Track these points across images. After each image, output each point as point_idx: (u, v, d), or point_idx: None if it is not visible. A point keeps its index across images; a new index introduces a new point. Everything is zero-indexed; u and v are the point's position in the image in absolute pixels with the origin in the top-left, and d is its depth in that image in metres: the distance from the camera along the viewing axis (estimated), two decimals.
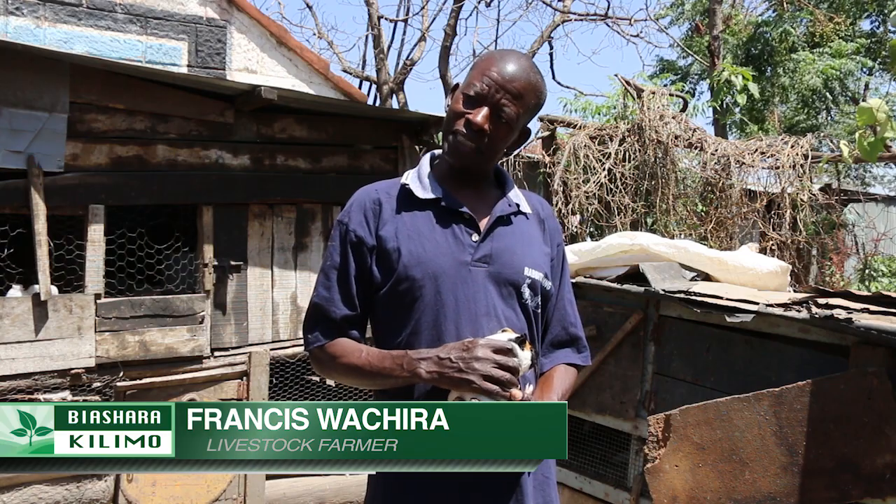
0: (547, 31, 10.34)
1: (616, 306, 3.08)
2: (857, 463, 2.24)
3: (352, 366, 1.55)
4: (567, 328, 1.74)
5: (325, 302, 1.61)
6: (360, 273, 1.60)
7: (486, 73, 1.58)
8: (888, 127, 3.01)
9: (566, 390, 1.65)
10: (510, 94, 1.57)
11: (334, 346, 1.59)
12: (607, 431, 3.10)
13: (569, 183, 5.28)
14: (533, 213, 1.71)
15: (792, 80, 11.18)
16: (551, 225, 1.74)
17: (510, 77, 1.57)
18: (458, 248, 1.57)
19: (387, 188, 1.66)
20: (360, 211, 1.63)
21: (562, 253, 1.75)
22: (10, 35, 4.82)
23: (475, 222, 1.60)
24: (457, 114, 1.60)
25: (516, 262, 1.60)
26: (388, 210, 1.62)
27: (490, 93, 1.57)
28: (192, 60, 5.52)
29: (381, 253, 1.58)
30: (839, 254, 6.36)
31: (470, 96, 1.58)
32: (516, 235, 1.64)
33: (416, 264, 1.55)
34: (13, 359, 3.60)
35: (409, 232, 1.58)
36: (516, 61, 1.60)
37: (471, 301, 1.55)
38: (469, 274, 1.56)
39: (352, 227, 1.62)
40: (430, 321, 1.54)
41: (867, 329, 2.24)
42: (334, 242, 1.64)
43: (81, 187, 3.81)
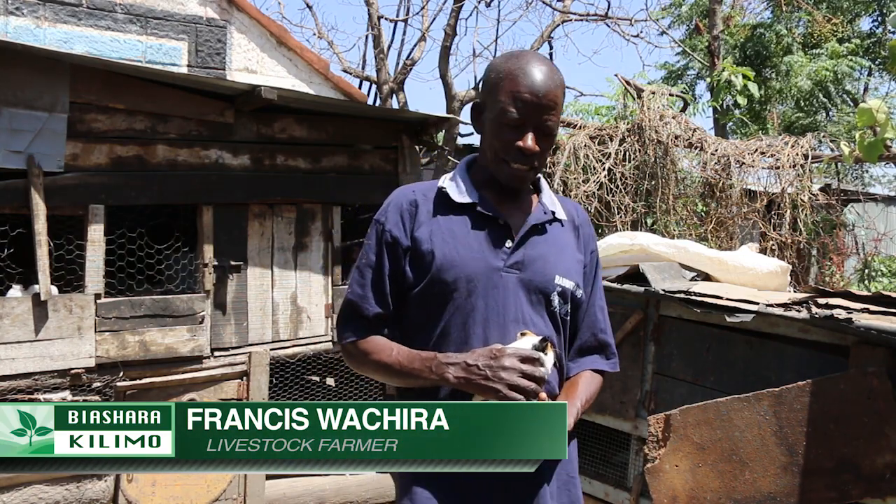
0: (547, 31, 10.32)
1: (616, 306, 3.08)
2: (857, 463, 2.24)
3: (382, 363, 1.59)
4: (597, 334, 1.75)
5: (359, 299, 1.64)
6: (394, 273, 1.63)
7: (518, 97, 1.57)
8: (888, 127, 3.01)
9: (590, 396, 1.67)
10: (548, 107, 1.58)
11: (367, 342, 1.63)
12: (607, 431, 3.10)
13: (569, 183, 5.28)
14: (568, 220, 1.72)
15: (785, 82, 11.19)
16: (586, 232, 1.76)
17: (543, 93, 1.57)
18: (491, 253, 1.60)
19: (424, 190, 1.68)
20: (396, 211, 1.65)
21: (595, 260, 1.77)
22: (10, 35, 4.82)
23: (510, 229, 1.62)
24: (503, 143, 1.59)
25: (548, 271, 1.62)
26: (425, 212, 1.64)
27: (530, 115, 1.57)
28: (192, 60, 5.52)
29: (416, 254, 1.61)
30: (839, 254, 6.36)
31: (510, 125, 1.58)
32: (549, 243, 1.66)
33: (449, 267, 1.57)
34: (13, 359, 3.60)
35: (443, 235, 1.61)
36: (538, 70, 1.59)
37: (500, 306, 1.57)
38: (500, 279, 1.58)
39: (388, 227, 1.64)
40: (460, 324, 1.57)
41: (867, 329, 2.24)
42: (370, 241, 1.66)
43: (81, 187, 3.81)
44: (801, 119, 12.08)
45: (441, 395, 1.55)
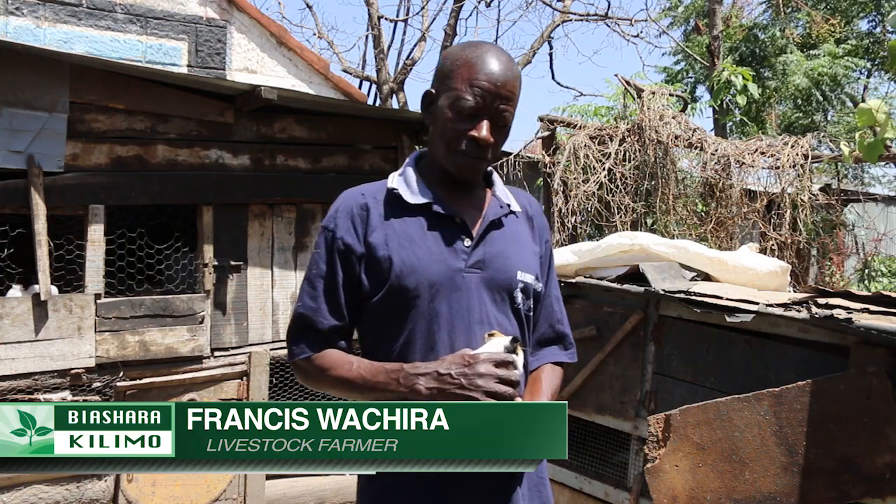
0: (547, 31, 10.33)
1: (616, 306, 3.08)
2: (857, 463, 2.24)
3: (342, 379, 1.50)
4: (554, 325, 1.72)
5: (312, 312, 1.55)
6: (349, 282, 1.55)
7: (474, 84, 1.50)
8: (888, 127, 3.01)
9: (555, 390, 1.63)
10: (505, 99, 1.52)
11: (322, 357, 1.54)
12: (607, 431, 3.10)
13: (569, 183, 5.28)
14: (521, 211, 1.67)
15: (781, 82, 11.20)
16: (539, 222, 1.72)
17: (501, 82, 1.51)
18: (450, 254, 1.53)
19: (373, 192, 1.60)
20: (346, 217, 1.56)
21: (549, 250, 1.73)
22: (10, 35, 4.82)
23: (467, 227, 1.56)
24: (456, 133, 1.52)
25: (509, 267, 1.57)
26: (377, 215, 1.56)
27: (486, 104, 1.51)
28: (192, 60, 5.52)
29: (371, 261, 1.53)
30: (839, 254, 6.36)
31: (465, 113, 1.51)
32: (508, 238, 1.61)
33: (409, 273, 1.50)
34: (13, 359, 3.60)
35: (400, 239, 1.53)
36: (496, 59, 1.53)
37: (464, 309, 1.51)
38: (463, 281, 1.52)
39: (339, 234, 1.55)
40: (424, 330, 1.51)
41: (867, 329, 2.24)
42: (320, 250, 1.58)
43: (81, 187, 3.81)
44: (800, 119, 12.09)
45: None
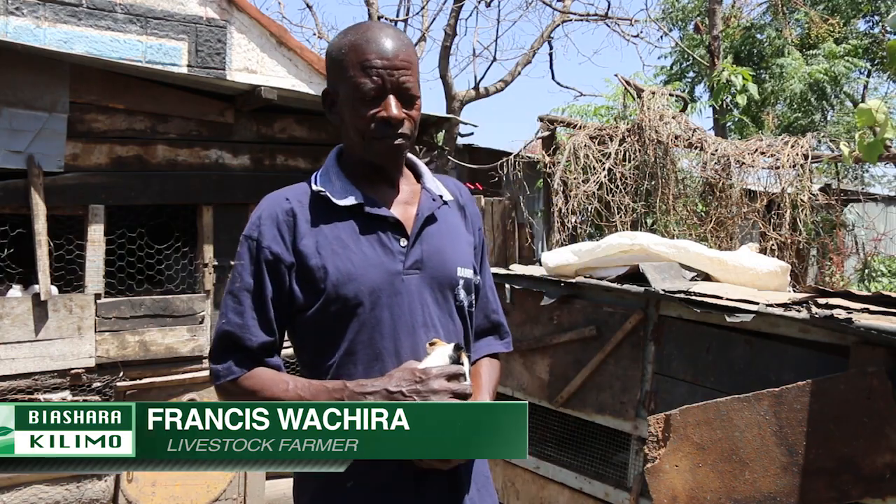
0: (547, 31, 10.33)
1: (616, 306, 3.08)
2: (857, 463, 2.24)
3: (276, 401, 1.37)
4: (489, 315, 1.68)
5: (238, 329, 1.44)
6: (279, 294, 1.44)
7: (366, 65, 1.41)
8: (888, 127, 3.01)
9: (495, 384, 1.60)
10: (402, 68, 1.43)
11: (251, 378, 1.43)
12: (607, 431, 3.10)
13: (569, 183, 5.28)
14: (453, 201, 1.60)
15: (779, 83, 11.20)
16: (472, 210, 1.65)
17: (392, 53, 1.42)
18: (387, 257, 1.45)
19: (297, 195, 1.49)
20: (272, 224, 1.45)
21: (482, 238, 1.67)
22: (10, 35, 4.82)
23: (402, 226, 1.48)
24: (365, 120, 1.43)
25: (448, 265, 1.51)
26: (304, 221, 1.45)
27: (385, 80, 1.41)
28: (192, 60, 5.52)
29: (303, 270, 1.43)
30: (839, 254, 6.36)
31: (367, 98, 1.43)
32: (444, 233, 1.54)
33: (346, 281, 1.41)
34: (13, 359, 3.60)
35: (332, 245, 1.43)
36: (381, 34, 1.45)
37: (406, 313, 1.44)
38: (402, 284, 1.44)
39: (265, 243, 1.45)
40: (366, 339, 1.42)
41: (867, 329, 2.24)
42: (243, 261, 1.47)
43: (81, 187, 3.81)
44: (799, 119, 12.09)
45: None
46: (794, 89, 10.96)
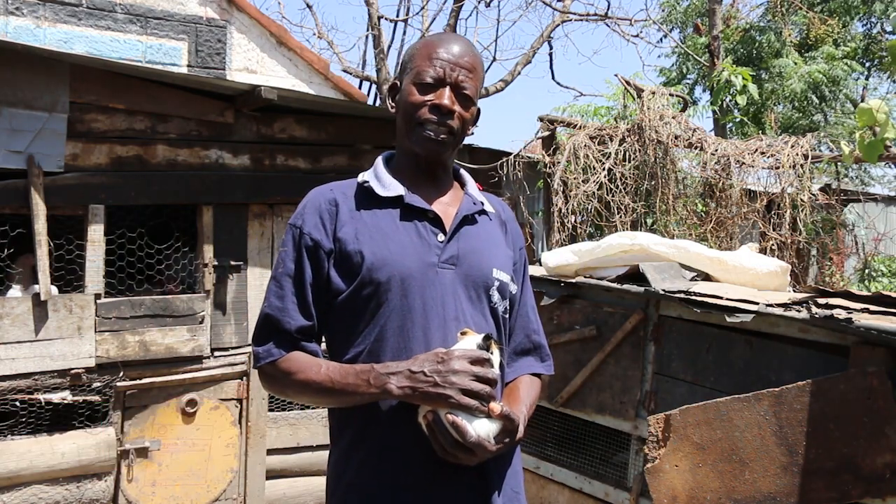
0: (547, 31, 10.33)
1: (616, 306, 3.08)
2: (857, 463, 2.24)
3: (310, 382, 1.43)
4: (530, 336, 1.67)
5: (279, 312, 1.48)
6: (317, 280, 1.49)
7: (433, 58, 1.52)
8: (888, 127, 3.01)
9: (533, 402, 1.58)
10: (465, 69, 1.52)
11: (288, 360, 1.47)
12: (607, 431, 3.10)
13: (569, 183, 5.27)
14: (495, 214, 1.64)
15: (779, 83, 11.20)
16: (513, 228, 1.68)
17: (460, 54, 1.53)
18: (423, 248, 1.48)
19: (342, 188, 1.56)
20: (315, 213, 1.51)
21: (524, 257, 1.69)
22: (10, 35, 4.82)
23: (440, 221, 1.52)
24: (417, 104, 1.51)
25: (484, 264, 1.52)
26: (346, 210, 1.51)
27: (446, 73, 1.51)
28: (192, 60, 5.52)
29: (342, 256, 1.47)
30: (839, 254, 6.36)
31: (426, 84, 1.51)
32: (482, 236, 1.56)
33: (381, 266, 1.44)
34: (13, 359, 3.60)
35: (371, 232, 1.47)
36: (457, 40, 1.57)
37: (439, 305, 1.45)
38: (436, 276, 1.46)
39: (307, 230, 1.50)
40: (397, 327, 1.44)
41: (867, 329, 2.24)
42: (286, 248, 1.52)
43: (81, 187, 3.81)
44: (799, 120, 12.09)
45: (383, 410, 1.42)
46: (795, 88, 10.96)
